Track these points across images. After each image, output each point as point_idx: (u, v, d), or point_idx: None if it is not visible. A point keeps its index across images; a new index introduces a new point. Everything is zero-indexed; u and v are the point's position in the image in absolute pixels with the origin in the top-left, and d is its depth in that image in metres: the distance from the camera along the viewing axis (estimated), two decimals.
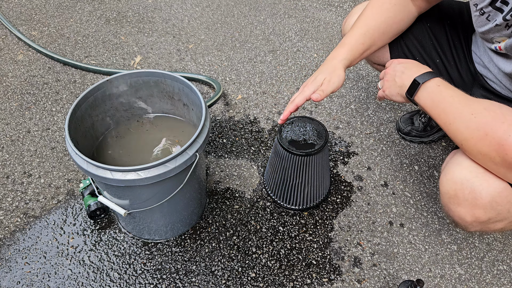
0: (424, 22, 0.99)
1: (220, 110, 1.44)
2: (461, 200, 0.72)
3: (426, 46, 0.99)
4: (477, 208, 0.70)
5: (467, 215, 0.72)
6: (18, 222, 1.11)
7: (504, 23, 0.73)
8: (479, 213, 0.71)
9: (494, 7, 0.74)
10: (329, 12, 1.93)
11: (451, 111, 0.72)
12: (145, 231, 1.05)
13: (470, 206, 0.71)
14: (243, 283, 1.01)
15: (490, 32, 0.78)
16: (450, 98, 0.73)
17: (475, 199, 0.70)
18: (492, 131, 0.65)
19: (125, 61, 1.64)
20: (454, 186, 0.73)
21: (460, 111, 0.71)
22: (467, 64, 0.97)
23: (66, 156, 1.27)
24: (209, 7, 1.96)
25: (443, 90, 0.75)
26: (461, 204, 0.72)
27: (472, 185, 0.70)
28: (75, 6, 1.93)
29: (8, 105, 1.44)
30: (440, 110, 0.74)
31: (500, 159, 0.65)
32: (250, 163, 1.27)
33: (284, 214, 1.14)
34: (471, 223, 0.73)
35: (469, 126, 0.69)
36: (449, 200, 0.74)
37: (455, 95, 0.73)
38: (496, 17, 0.74)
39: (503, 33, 0.75)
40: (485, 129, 0.66)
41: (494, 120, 0.66)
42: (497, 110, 0.67)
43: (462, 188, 0.71)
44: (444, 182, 0.75)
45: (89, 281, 1.00)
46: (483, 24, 0.79)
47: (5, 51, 1.66)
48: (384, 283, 1.01)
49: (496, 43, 0.79)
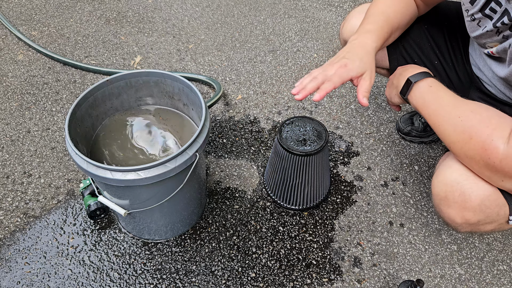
0: (422, 24, 0.99)
1: (220, 110, 1.44)
2: (451, 202, 0.73)
3: (424, 48, 0.99)
4: (466, 211, 0.72)
5: (457, 217, 0.74)
6: (18, 222, 1.11)
7: (495, 30, 0.73)
8: (468, 215, 0.72)
9: (484, 14, 0.74)
10: (329, 12, 1.93)
11: (440, 112, 0.73)
12: (145, 231, 1.05)
13: (459, 208, 0.72)
14: (243, 283, 1.01)
15: (482, 37, 0.79)
16: (440, 99, 0.74)
17: (464, 202, 0.71)
18: (477, 135, 0.67)
19: (125, 61, 1.64)
20: (444, 188, 0.74)
21: (448, 113, 0.71)
22: (465, 66, 0.97)
23: (66, 156, 1.27)
24: (209, 7, 1.96)
25: (434, 90, 0.75)
26: (451, 206, 0.73)
27: (462, 187, 0.71)
28: (75, 6, 1.93)
29: (8, 105, 1.44)
30: (430, 111, 0.75)
31: (484, 163, 0.66)
32: (250, 163, 1.27)
33: (284, 214, 1.14)
34: (461, 224, 0.74)
35: (456, 129, 0.70)
36: (440, 201, 0.76)
37: (445, 96, 0.74)
38: (486, 23, 0.75)
39: (494, 39, 0.76)
40: (470, 132, 0.68)
41: (479, 123, 0.67)
42: (483, 113, 0.69)
43: (452, 190, 0.72)
44: (436, 183, 0.76)
45: (89, 281, 1.00)
46: (474, 30, 0.80)
47: (5, 51, 1.66)
48: (384, 283, 1.01)
49: (489, 47, 0.79)
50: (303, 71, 1.61)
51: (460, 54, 0.97)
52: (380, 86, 1.55)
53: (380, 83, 1.56)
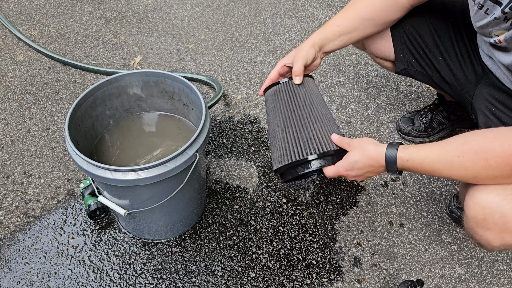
0: (426, 19, 0.99)
1: (220, 110, 1.44)
2: (490, 224, 0.70)
3: (429, 43, 1.00)
4: (507, 232, 0.69)
5: (495, 240, 0.71)
6: (18, 222, 1.11)
7: (503, 16, 0.72)
8: (508, 237, 0.69)
9: (493, 0, 0.74)
10: (329, 12, 1.93)
11: (440, 166, 0.70)
12: (145, 231, 1.05)
13: (499, 230, 0.69)
14: (243, 283, 1.01)
15: (488, 26, 0.78)
16: (428, 160, 0.71)
17: (505, 223, 0.68)
18: (489, 153, 0.65)
19: (125, 61, 1.64)
20: (482, 210, 0.70)
21: (447, 162, 0.69)
22: (471, 63, 0.96)
23: (66, 156, 1.27)
24: (209, 7, 1.96)
25: (415, 157, 0.72)
26: (490, 228, 0.70)
27: (502, 208, 0.68)
28: (75, 6, 1.93)
29: (8, 105, 1.44)
30: (429, 170, 0.72)
31: None
32: (250, 163, 1.27)
33: (284, 214, 1.14)
34: (499, 246, 0.72)
35: (467, 167, 0.67)
36: (477, 224, 0.72)
37: (428, 153, 0.71)
38: (495, 10, 0.74)
39: (501, 27, 0.75)
40: (481, 157, 0.65)
41: (481, 145, 0.66)
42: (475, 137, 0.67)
43: (492, 212, 0.69)
44: (471, 206, 0.72)
45: (89, 281, 1.00)
46: (481, 18, 0.79)
47: (5, 51, 1.66)
48: (384, 283, 1.01)
49: (495, 36, 0.79)
50: None
51: (466, 51, 0.97)
52: (380, 86, 1.55)
53: (380, 83, 1.56)
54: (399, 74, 1.09)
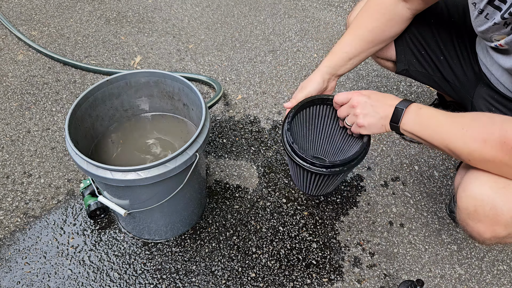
0: (429, 20, 1.00)
1: (220, 110, 1.44)
2: (481, 216, 0.70)
3: (431, 43, 1.00)
4: (497, 225, 0.69)
5: (486, 231, 0.71)
6: (18, 222, 1.11)
7: (502, 22, 0.73)
8: (499, 230, 0.70)
9: (493, 6, 0.74)
10: (329, 12, 1.93)
11: (442, 130, 0.72)
12: (145, 231, 1.05)
13: (490, 223, 0.70)
14: (243, 283, 1.01)
15: (489, 31, 0.78)
16: (435, 119, 0.73)
17: (496, 216, 0.68)
18: (489, 135, 0.66)
19: (125, 61, 1.64)
20: (474, 202, 0.71)
21: (451, 129, 0.71)
22: (471, 63, 0.97)
23: (66, 156, 1.27)
24: (209, 7, 1.96)
25: (425, 112, 0.75)
26: (481, 220, 0.71)
27: (493, 201, 0.68)
28: (75, 6, 1.93)
29: (8, 105, 1.44)
30: (431, 132, 0.74)
31: (509, 157, 0.65)
32: (250, 163, 1.27)
33: (284, 214, 1.14)
34: (490, 238, 0.72)
35: (466, 140, 0.69)
36: (468, 216, 0.73)
37: (439, 114, 0.73)
38: (494, 15, 0.74)
39: (502, 32, 0.76)
40: (481, 137, 0.67)
41: (485, 126, 0.67)
42: (483, 118, 0.69)
43: (483, 204, 0.69)
44: (463, 198, 0.73)
45: (89, 281, 1.00)
46: (482, 23, 0.79)
47: (5, 51, 1.66)
48: (384, 283, 1.01)
49: (496, 41, 0.79)
50: (303, 71, 1.61)
51: (466, 51, 0.97)
52: (380, 86, 1.55)
53: (380, 83, 1.56)
54: (399, 74, 1.09)
